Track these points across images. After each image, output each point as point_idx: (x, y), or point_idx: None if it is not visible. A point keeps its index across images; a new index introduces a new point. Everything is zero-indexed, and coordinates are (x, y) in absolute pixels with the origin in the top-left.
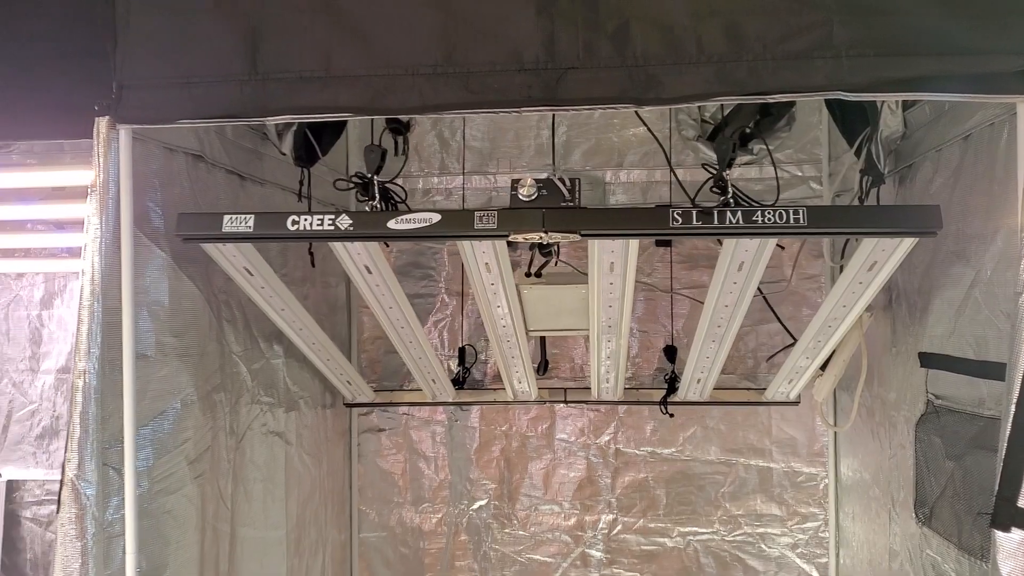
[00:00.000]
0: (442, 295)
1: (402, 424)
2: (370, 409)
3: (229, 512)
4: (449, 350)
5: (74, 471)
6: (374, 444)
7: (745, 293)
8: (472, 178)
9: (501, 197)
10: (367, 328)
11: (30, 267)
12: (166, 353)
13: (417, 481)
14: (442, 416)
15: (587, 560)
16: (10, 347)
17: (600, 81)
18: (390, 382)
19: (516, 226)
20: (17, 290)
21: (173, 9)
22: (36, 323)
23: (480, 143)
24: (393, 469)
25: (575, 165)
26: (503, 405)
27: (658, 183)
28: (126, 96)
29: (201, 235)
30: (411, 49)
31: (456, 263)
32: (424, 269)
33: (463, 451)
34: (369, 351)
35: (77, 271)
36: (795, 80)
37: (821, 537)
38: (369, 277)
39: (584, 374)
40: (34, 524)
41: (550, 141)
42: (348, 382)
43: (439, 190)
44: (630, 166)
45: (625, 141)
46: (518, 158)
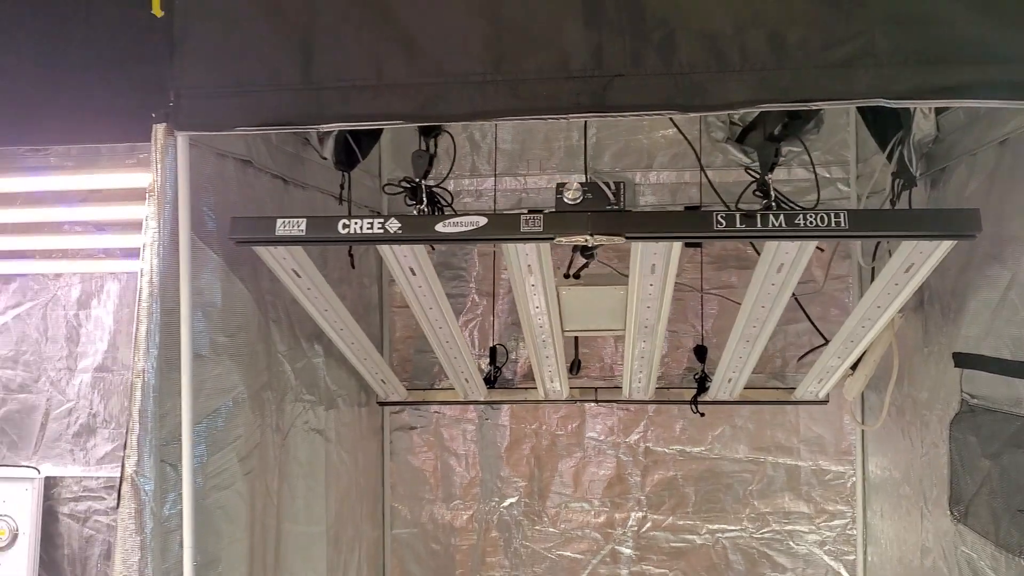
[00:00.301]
0: (473, 295)
1: (433, 422)
2: (402, 407)
3: (275, 508)
4: (479, 349)
5: (133, 467)
6: (406, 442)
7: (782, 295)
8: (502, 179)
9: (531, 198)
10: (398, 328)
11: (67, 268)
12: (219, 352)
13: (448, 478)
14: (473, 414)
15: (617, 557)
16: (48, 346)
17: (646, 88)
18: (421, 381)
19: (562, 229)
20: (55, 290)
21: (228, 20)
22: (73, 323)
23: (510, 145)
24: (424, 466)
25: (605, 167)
26: (533, 404)
27: (687, 184)
28: (184, 104)
29: (254, 238)
30: (461, 58)
31: (486, 263)
32: (455, 269)
33: (493, 449)
34: (400, 350)
35: (114, 272)
36: (837, 88)
37: (849, 534)
38: (412, 278)
39: (614, 373)
40: (71, 520)
41: (579, 143)
42: (383, 381)
43: (469, 191)
44: (659, 167)
45: (654, 143)
46: (548, 160)
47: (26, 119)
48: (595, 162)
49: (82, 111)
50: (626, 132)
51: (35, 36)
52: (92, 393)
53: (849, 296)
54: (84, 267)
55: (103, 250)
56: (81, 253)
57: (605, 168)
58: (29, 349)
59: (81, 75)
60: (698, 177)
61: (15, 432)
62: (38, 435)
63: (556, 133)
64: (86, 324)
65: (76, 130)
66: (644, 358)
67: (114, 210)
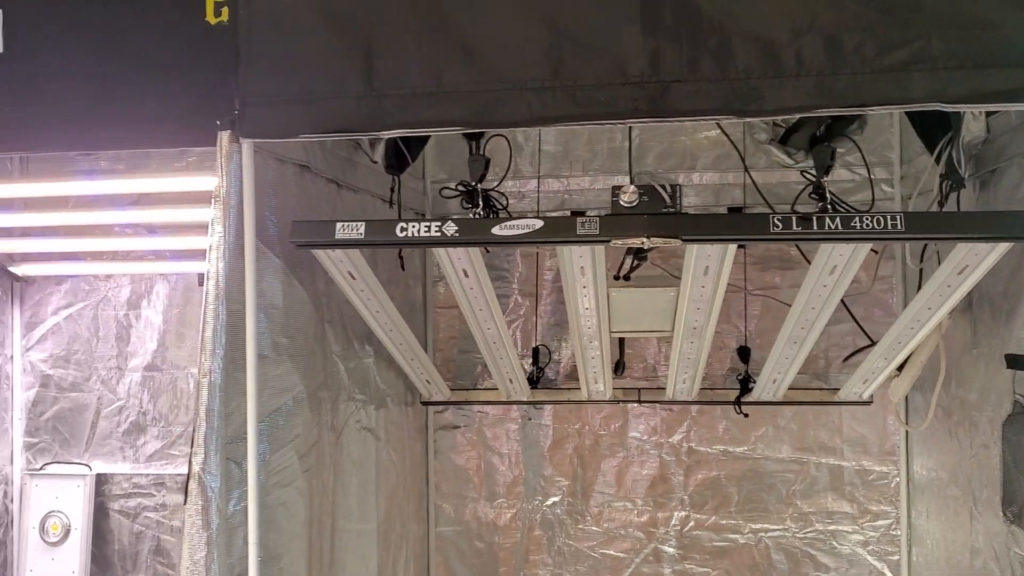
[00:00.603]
0: (515, 296)
1: (476, 421)
2: (445, 407)
3: (331, 505)
4: (522, 350)
5: (200, 465)
6: (449, 441)
7: (833, 297)
8: (545, 181)
9: (574, 200)
10: (442, 328)
11: (118, 269)
12: (280, 353)
13: (491, 477)
14: (516, 414)
15: (660, 556)
16: (99, 346)
17: (703, 94)
18: (464, 381)
19: (619, 232)
20: (105, 291)
21: (291, 29)
22: (123, 323)
23: (553, 147)
24: (468, 465)
25: (648, 168)
26: (576, 404)
27: (730, 185)
28: (249, 112)
29: (315, 241)
30: (520, 64)
31: (529, 264)
32: (498, 271)
33: (536, 448)
34: (443, 350)
35: (163, 273)
36: (893, 93)
37: (893, 535)
38: (465, 280)
39: (657, 374)
40: (121, 516)
41: (622, 145)
42: (428, 381)
43: (512, 193)
44: (703, 169)
45: (697, 144)
46: (591, 161)
47: (81, 125)
48: (638, 164)
49: (136, 117)
50: (669, 134)
51: (90, 43)
52: (142, 392)
53: (893, 297)
54: (134, 268)
55: (153, 252)
56: (131, 255)
57: (648, 169)
58: (80, 349)
59: (135, 81)
60: (741, 178)
61: (67, 430)
62: (89, 433)
63: (599, 135)
64: (136, 324)
65: (130, 135)
66: (690, 359)
67: (164, 213)
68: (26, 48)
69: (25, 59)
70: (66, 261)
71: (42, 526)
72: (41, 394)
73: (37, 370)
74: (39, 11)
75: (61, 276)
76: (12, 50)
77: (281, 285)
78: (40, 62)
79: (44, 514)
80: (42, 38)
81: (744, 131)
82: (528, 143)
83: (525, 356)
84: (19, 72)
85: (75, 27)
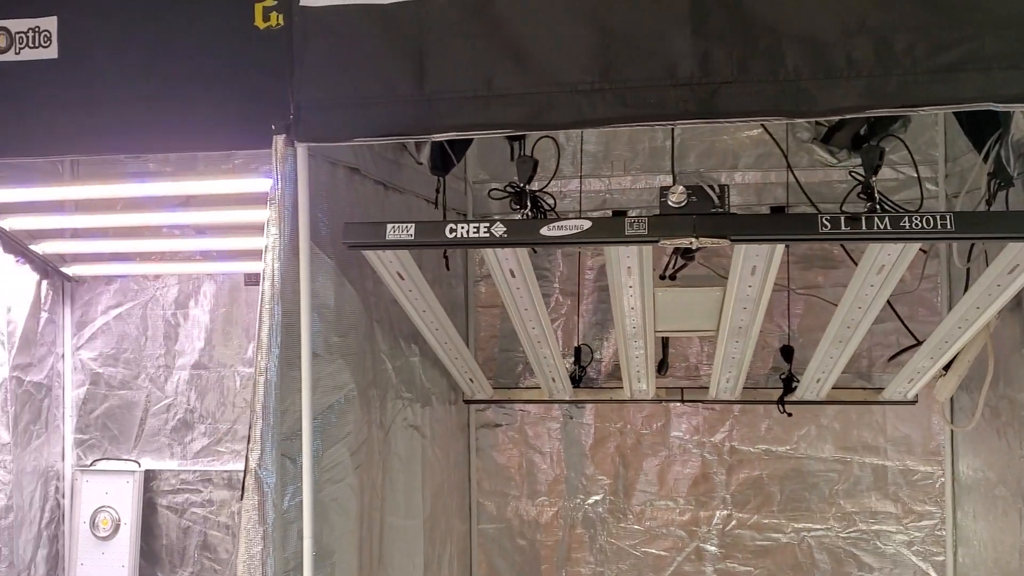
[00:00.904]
0: (557, 295)
1: (518, 420)
2: (486, 405)
3: (380, 501)
4: (563, 348)
5: (256, 461)
6: (491, 439)
7: (880, 297)
8: (587, 181)
9: (615, 200)
10: (483, 327)
11: (166, 269)
12: (332, 352)
13: (533, 475)
14: (557, 412)
15: (701, 554)
16: (147, 345)
17: (753, 95)
18: (505, 379)
19: (667, 232)
20: (154, 291)
21: (344, 34)
22: (171, 322)
23: (594, 147)
24: (509, 463)
25: (690, 167)
26: (618, 403)
27: (773, 185)
28: (304, 116)
29: (366, 243)
30: (570, 67)
31: (571, 264)
32: (539, 270)
33: (578, 447)
34: (485, 349)
35: (210, 273)
36: (946, 93)
37: (938, 535)
38: (512, 280)
39: (699, 373)
40: (169, 512)
41: (663, 144)
42: (471, 379)
43: (554, 193)
44: (745, 168)
45: (739, 143)
46: (632, 161)
47: (134, 128)
48: (680, 163)
49: (186, 120)
50: (711, 133)
51: (141, 49)
52: (189, 390)
53: (938, 296)
54: (182, 268)
55: (200, 252)
56: (179, 255)
57: (690, 169)
58: (129, 347)
59: (185, 85)
60: (783, 177)
61: (116, 427)
62: (138, 430)
63: (640, 134)
64: (183, 323)
65: (181, 139)
66: (735, 359)
67: (211, 214)
68: (80, 53)
69: (79, 64)
70: (116, 262)
71: (93, 521)
72: (91, 392)
73: (87, 368)
74: (92, 17)
75: (111, 276)
76: (66, 55)
77: (333, 285)
78: (93, 67)
79: (94, 509)
80: (95, 44)
81: (787, 130)
82: (569, 143)
83: (567, 355)
84: (73, 77)
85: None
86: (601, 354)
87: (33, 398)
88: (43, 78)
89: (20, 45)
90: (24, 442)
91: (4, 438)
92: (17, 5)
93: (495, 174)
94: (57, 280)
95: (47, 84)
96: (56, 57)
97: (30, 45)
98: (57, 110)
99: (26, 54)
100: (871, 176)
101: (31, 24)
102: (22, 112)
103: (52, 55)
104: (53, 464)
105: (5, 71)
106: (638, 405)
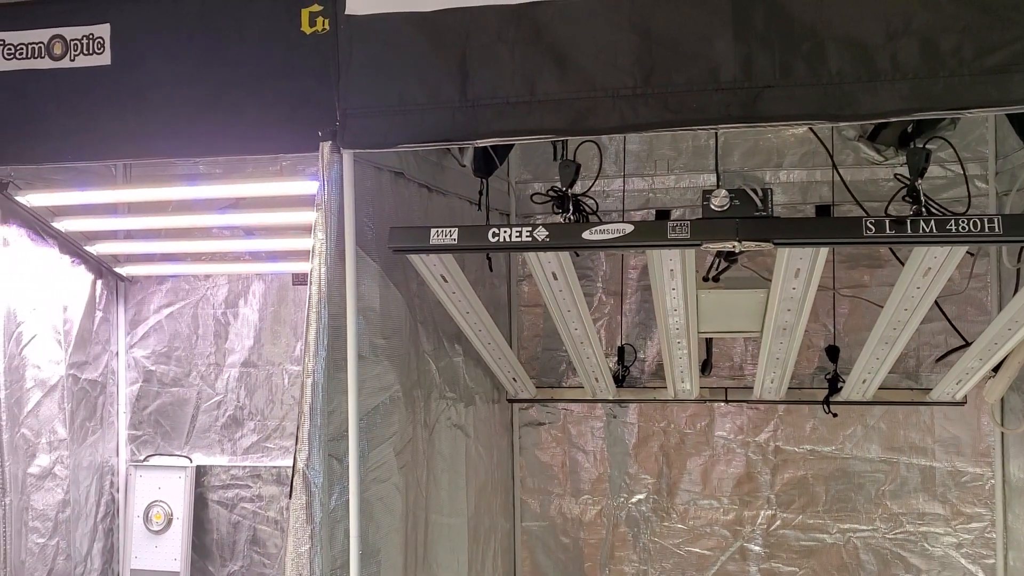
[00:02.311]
0: (600, 294)
1: (561, 419)
2: (530, 404)
3: (424, 500)
4: (607, 348)
5: (304, 461)
6: (534, 437)
7: (926, 299)
8: (630, 180)
9: (658, 199)
10: (526, 326)
11: (216, 269)
12: (377, 353)
13: (576, 474)
14: (600, 411)
15: (745, 554)
16: (198, 343)
17: (796, 99)
18: (548, 378)
19: (710, 236)
20: (204, 291)
21: (389, 42)
22: (221, 321)
23: (638, 146)
24: (552, 462)
25: (734, 166)
26: (661, 403)
27: (818, 183)
28: (349, 123)
29: (410, 247)
30: (612, 72)
31: (614, 263)
32: (582, 269)
33: (621, 446)
34: (528, 348)
35: (259, 273)
36: (993, 95)
37: (987, 538)
38: (554, 283)
39: (743, 372)
40: (220, 506)
41: (707, 143)
42: (514, 379)
43: (597, 193)
44: (789, 166)
45: (783, 141)
46: (675, 160)
47: (184, 132)
48: (724, 162)
49: (236, 124)
50: (755, 132)
51: (191, 54)
52: (239, 387)
53: (988, 296)
54: (231, 268)
55: (249, 253)
56: (228, 255)
57: (734, 168)
58: (181, 345)
59: (234, 90)
60: (828, 175)
61: (168, 424)
62: (189, 426)
63: (684, 133)
64: (233, 322)
65: (230, 143)
66: (779, 359)
67: (260, 216)
68: (132, 60)
69: (131, 70)
70: (167, 262)
71: (146, 515)
72: (144, 389)
73: (140, 366)
74: (144, 25)
75: (163, 276)
76: (119, 62)
77: (378, 288)
78: (144, 73)
79: (148, 504)
80: (146, 50)
81: (832, 128)
82: (612, 143)
83: (610, 355)
84: (125, 83)
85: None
86: (644, 353)
87: (88, 395)
88: (97, 84)
89: (75, 52)
90: (80, 438)
91: (61, 434)
92: (72, 13)
93: (538, 174)
94: (111, 280)
95: (100, 90)
96: (109, 64)
97: (84, 52)
98: (110, 115)
99: (81, 61)
100: (916, 179)
101: (85, 31)
102: (77, 117)
103: (105, 62)
104: (108, 460)
105: (61, 78)
106: (682, 405)
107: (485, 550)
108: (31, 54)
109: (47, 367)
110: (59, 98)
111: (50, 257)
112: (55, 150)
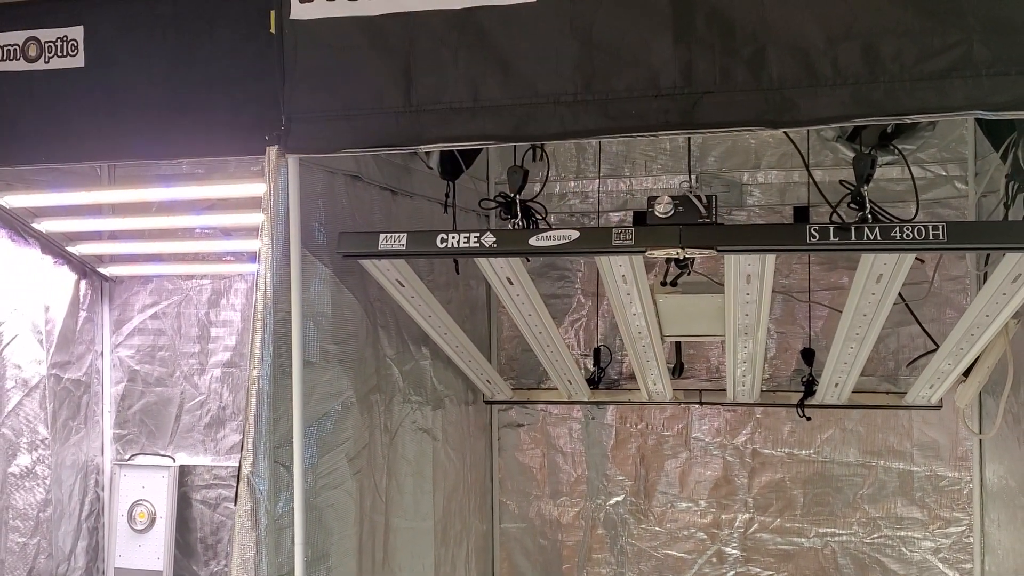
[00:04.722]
0: (578, 296)
1: (540, 420)
2: (509, 405)
3: (384, 504)
4: (585, 349)
5: (249, 468)
6: (513, 439)
7: (884, 303)
8: (608, 181)
9: (636, 200)
10: (506, 327)
11: (199, 269)
12: (329, 359)
13: (555, 475)
14: (579, 413)
15: (723, 557)
16: (181, 343)
17: (736, 105)
18: (528, 379)
19: (653, 242)
20: (187, 290)
21: (334, 46)
22: (204, 321)
23: (616, 147)
24: (531, 463)
25: (711, 167)
26: (639, 405)
27: (796, 184)
28: (294, 128)
29: (359, 252)
30: (553, 79)
31: (591, 265)
32: (560, 270)
33: (599, 448)
34: (507, 349)
35: (241, 273)
36: (933, 100)
37: (965, 543)
38: (510, 287)
39: (720, 375)
40: (203, 506)
41: (686, 144)
42: (488, 381)
43: (575, 194)
44: (767, 167)
45: (762, 142)
46: (654, 161)
47: (155, 134)
48: (701, 163)
49: (206, 126)
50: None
51: (164, 56)
52: (222, 387)
53: (966, 298)
54: (213, 269)
55: (231, 253)
56: (211, 256)
57: (711, 169)
58: (164, 345)
59: (205, 92)
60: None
61: (153, 423)
62: (173, 426)
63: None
64: (216, 322)
65: (199, 144)
66: (747, 362)
67: (235, 217)
68: (105, 62)
69: (104, 72)
70: (151, 262)
71: (130, 514)
72: (129, 388)
73: (125, 365)
74: (117, 26)
75: (147, 276)
76: (92, 64)
77: (330, 293)
78: (118, 75)
79: (132, 502)
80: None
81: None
82: (591, 144)
83: (587, 356)
84: (99, 85)
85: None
86: (621, 355)
87: (72, 395)
88: (71, 86)
89: (49, 54)
90: (63, 437)
91: (43, 434)
92: (46, 14)
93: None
94: (96, 280)
95: (74, 92)
96: (83, 66)
97: (59, 54)
98: (83, 117)
99: (55, 63)
100: (862, 185)
101: (59, 33)
102: (51, 119)
103: (79, 64)
104: (93, 458)
105: (36, 79)
106: (659, 406)
107: (456, 552)
108: (6, 56)
109: (28, 367)
110: (33, 100)
111: (31, 258)
112: (30, 152)
